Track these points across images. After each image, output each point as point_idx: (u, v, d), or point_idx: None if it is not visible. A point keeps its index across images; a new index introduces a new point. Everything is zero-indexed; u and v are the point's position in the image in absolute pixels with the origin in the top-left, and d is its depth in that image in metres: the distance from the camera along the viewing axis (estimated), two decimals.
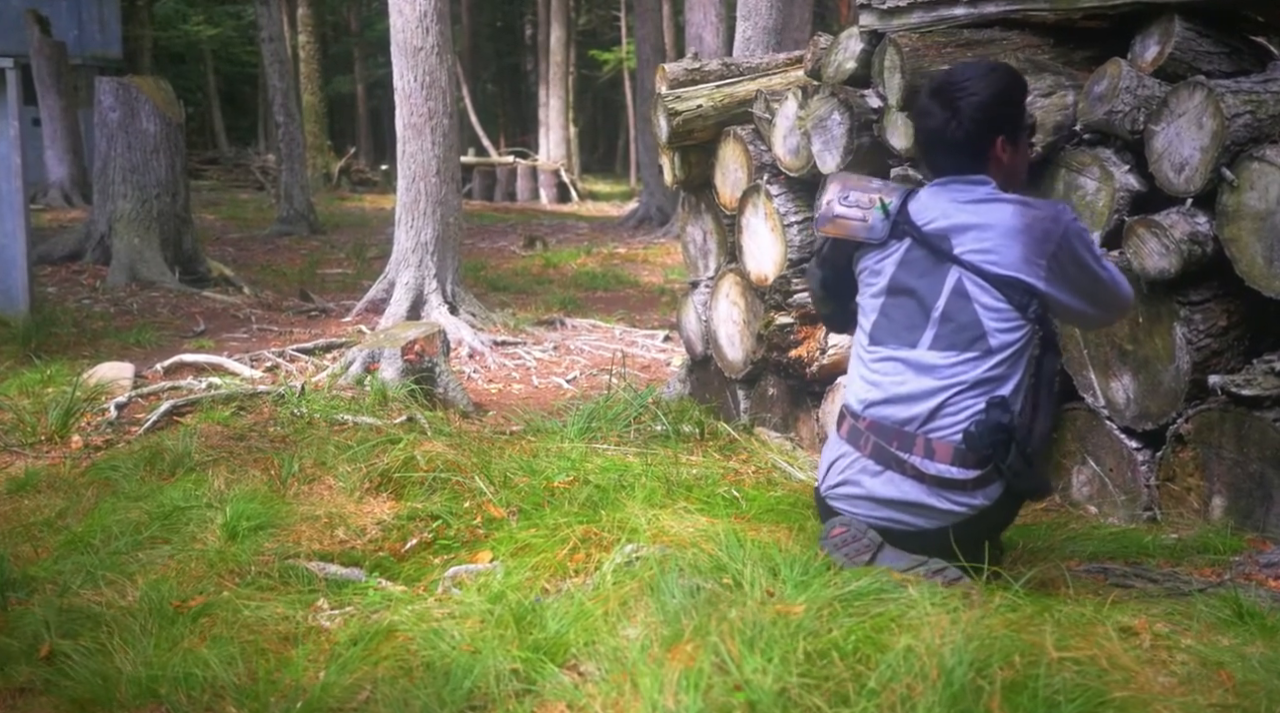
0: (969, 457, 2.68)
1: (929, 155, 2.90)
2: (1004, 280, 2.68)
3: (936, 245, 2.75)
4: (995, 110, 2.80)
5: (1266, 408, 3.29)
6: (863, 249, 2.91)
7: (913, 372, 2.74)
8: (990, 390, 2.69)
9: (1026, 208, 2.74)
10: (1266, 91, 3.42)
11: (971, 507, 2.71)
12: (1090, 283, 2.79)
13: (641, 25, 19.97)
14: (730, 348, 5.40)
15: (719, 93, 5.35)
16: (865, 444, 2.79)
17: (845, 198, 2.89)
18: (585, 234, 17.83)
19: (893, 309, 2.82)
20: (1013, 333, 2.69)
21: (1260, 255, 3.28)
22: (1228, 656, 2.23)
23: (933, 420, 2.70)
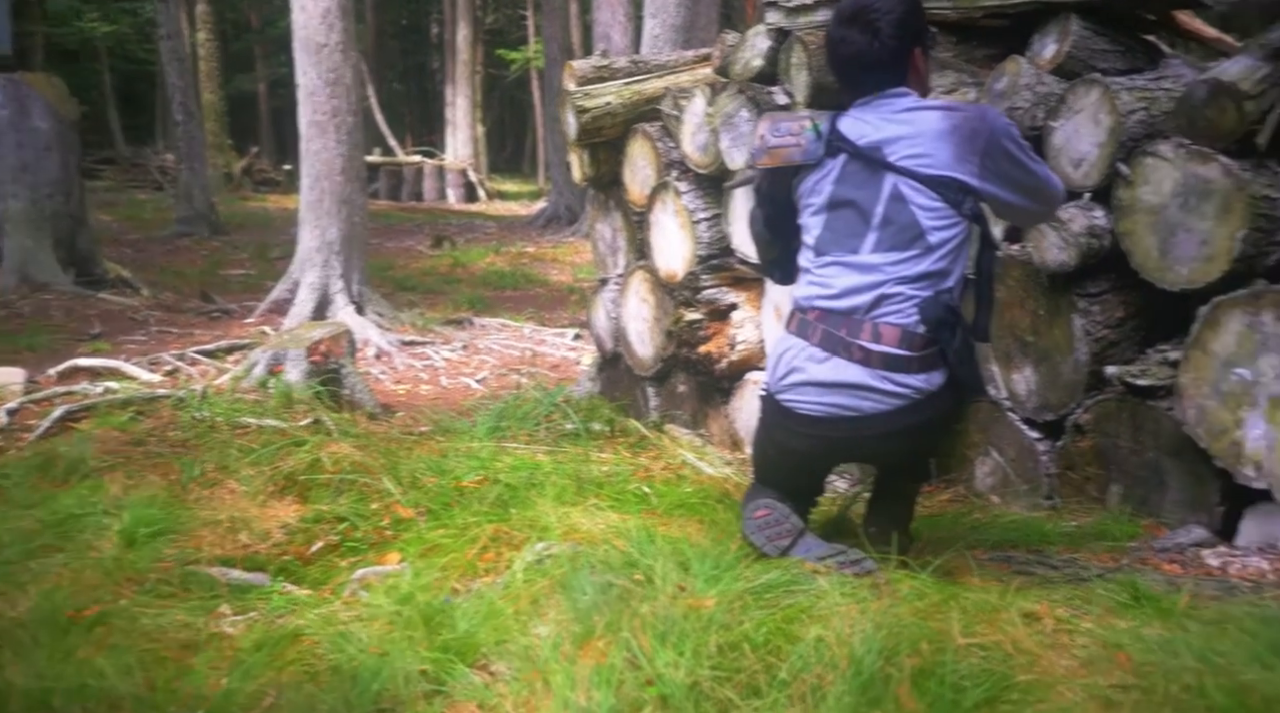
0: (914, 339, 2.75)
1: (850, 80, 2.92)
2: (938, 180, 2.76)
3: (871, 156, 2.82)
4: (911, 22, 2.89)
5: (1160, 397, 3.37)
6: (801, 174, 2.95)
7: (858, 272, 2.81)
8: (934, 283, 2.78)
9: (953, 111, 2.83)
10: (1159, 89, 3.51)
11: (914, 389, 2.76)
12: (1023, 177, 2.87)
13: (549, 24, 19.89)
14: (640, 345, 5.39)
15: (627, 90, 5.34)
16: (814, 334, 2.84)
17: (777, 129, 2.95)
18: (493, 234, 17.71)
19: (835, 222, 2.88)
20: (950, 230, 2.78)
21: (1154, 248, 3.36)
22: (1126, 638, 2.28)
23: (879, 308, 2.78)
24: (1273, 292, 3.10)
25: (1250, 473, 3.14)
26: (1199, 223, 3.24)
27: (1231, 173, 3.18)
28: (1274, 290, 3.10)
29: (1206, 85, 3.20)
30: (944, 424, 2.94)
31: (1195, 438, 3.25)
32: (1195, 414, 3.24)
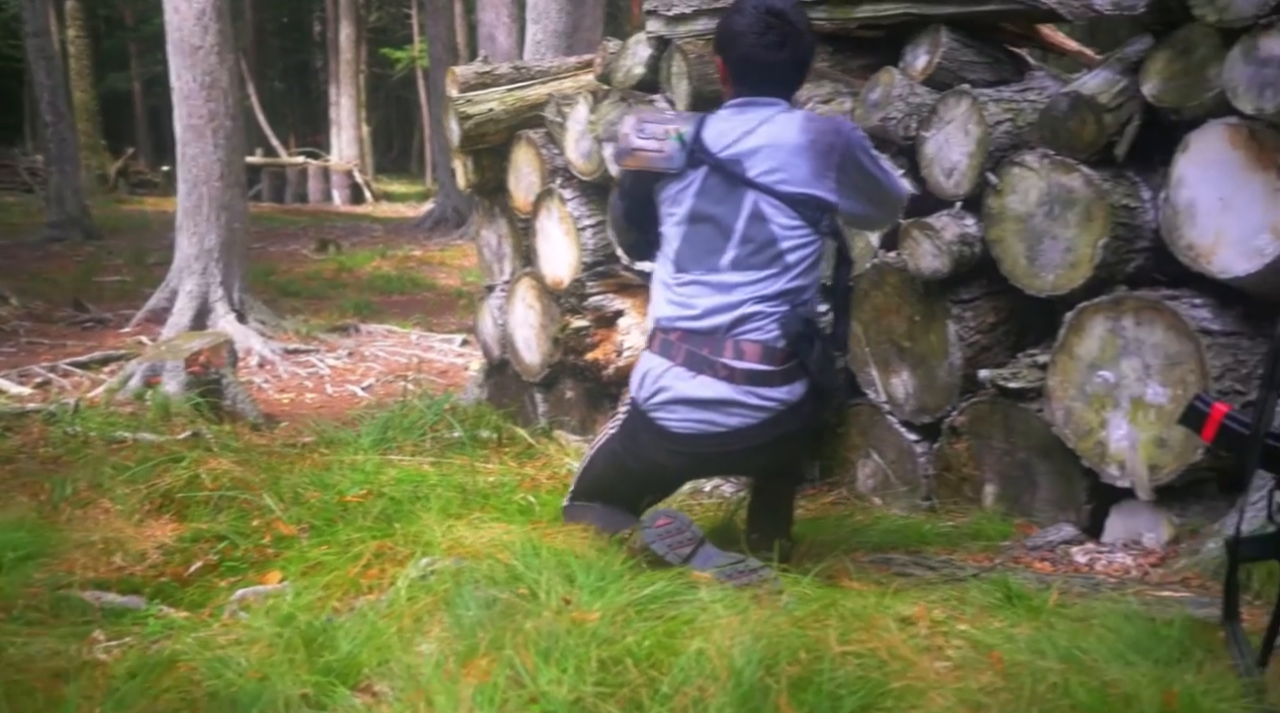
0: (775, 353, 2.81)
1: (755, 83, 2.93)
2: (797, 198, 2.82)
3: (731, 170, 2.85)
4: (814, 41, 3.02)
5: (1030, 399, 3.48)
6: (662, 180, 2.97)
7: (716, 292, 2.86)
8: (791, 299, 2.84)
9: (810, 122, 2.89)
10: (1024, 100, 3.63)
11: (779, 402, 2.82)
12: (874, 187, 2.95)
13: (433, 24, 19.71)
14: (527, 351, 5.39)
15: (510, 96, 5.33)
16: (677, 354, 2.88)
17: (641, 131, 2.97)
18: (380, 236, 17.49)
19: (694, 236, 2.91)
20: (807, 247, 2.84)
21: (1023, 255, 3.47)
22: (998, 638, 2.35)
23: (739, 326, 2.83)
24: (1133, 297, 3.22)
25: (1115, 472, 3.26)
26: (1064, 231, 3.35)
27: (1093, 182, 3.29)
28: (1134, 296, 3.22)
29: (1068, 98, 3.31)
30: (808, 433, 3.00)
31: (1063, 439, 3.36)
32: (1063, 416, 3.36)
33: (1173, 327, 3.13)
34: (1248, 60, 2.97)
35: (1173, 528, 3.21)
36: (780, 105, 2.91)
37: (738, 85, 2.95)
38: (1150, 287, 3.31)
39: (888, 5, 3.94)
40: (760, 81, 2.91)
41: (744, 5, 2.95)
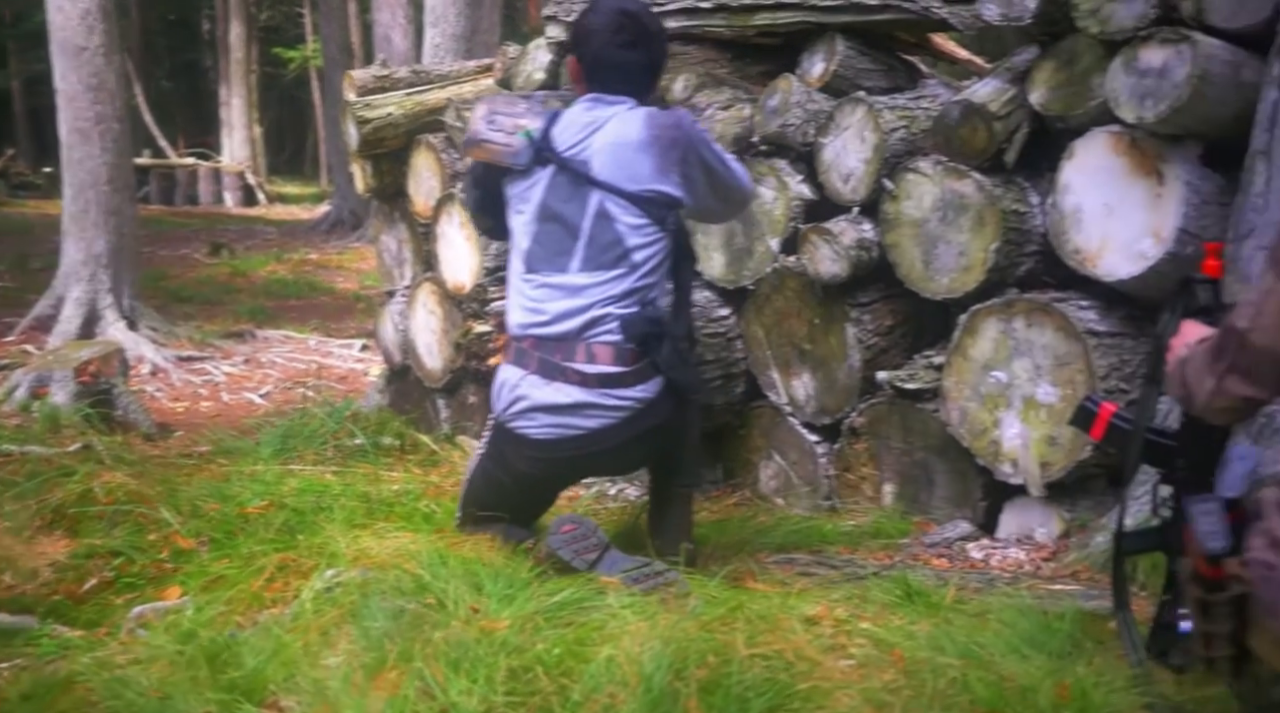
0: (626, 354, 2.87)
1: (607, 82, 2.99)
2: (643, 196, 2.88)
3: (577, 169, 2.90)
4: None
5: (927, 400, 3.57)
6: (510, 175, 3.00)
7: (567, 293, 2.90)
8: (638, 299, 2.90)
9: (653, 118, 2.94)
10: (918, 107, 3.71)
11: (636, 400, 2.88)
12: (719, 182, 3.03)
13: (327, 24, 19.41)
14: (429, 357, 5.35)
15: (409, 101, 5.29)
16: (530, 362, 2.91)
17: (491, 122, 3.00)
18: (275, 239, 17.17)
19: (543, 236, 2.95)
20: (653, 246, 2.91)
21: (919, 260, 3.55)
22: (899, 636, 2.42)
23: (590, 329, 2.87)
24: (1024, 300, 3.32)
25: (1008, 470, 3.36)
26: (957, 235, 3.44)
27: (984, 188, 3.39)
28: (1025, 298, 3.32)
29: (960, 106, 3.40)
30: (675, 428, 3.03)
31: (959, 438, 3.45)
32: (958, 416, 3.45)
33: (1061, 328, 3.23)
34: (1128, 71, 3.08)
35: (1063, 523, 3.31)
36: (628, 103, 2.96)
37: (590, 83, 3.02)
38: (1040, 289, 3.41)
39: (784, 14, 4.00)
40: (612, 80, 2.97)
41: (599, 5, 3.03)
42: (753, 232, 3.91)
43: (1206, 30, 3.06)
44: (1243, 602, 1.53)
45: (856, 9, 3.86)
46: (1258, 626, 1.52)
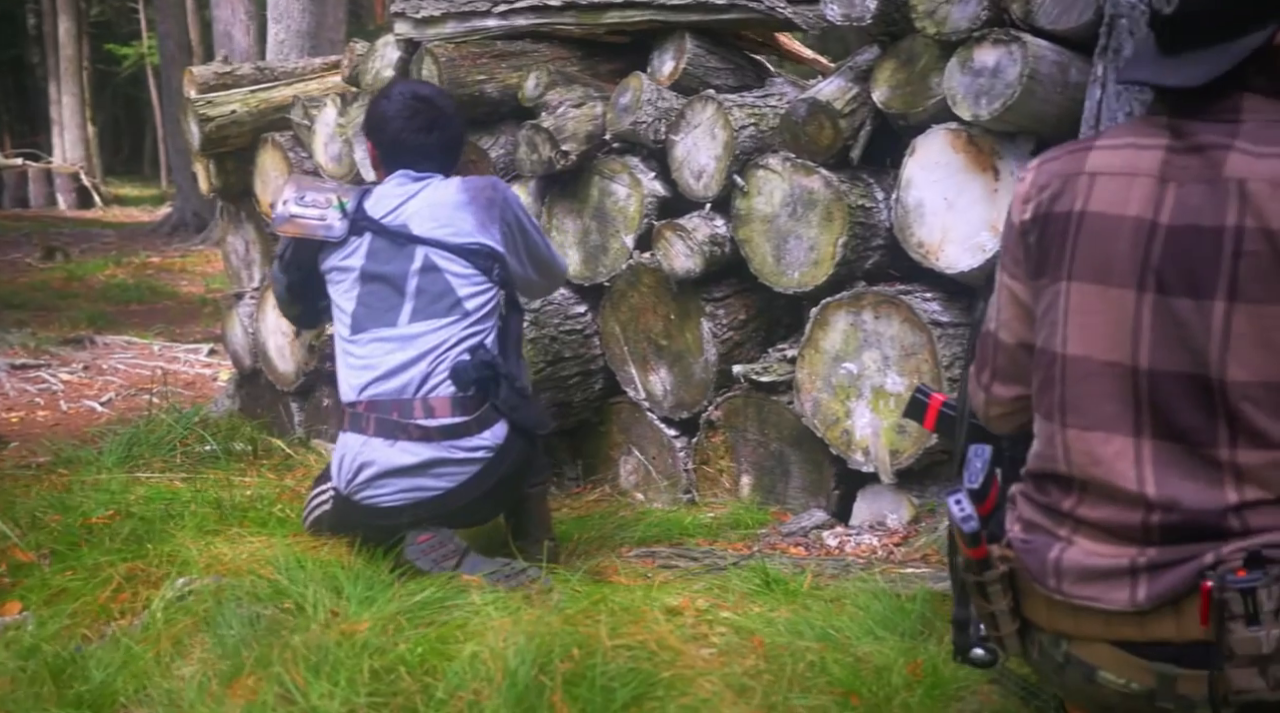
0: (465, 402, 2.84)
1: (408, 164, 3.03)
2: (468, 248, 2.91)
3: (397, 232, 2.92)
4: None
5: (781, 392, 3.64)
6: (326, 249, 2.99)
7: (398, 345, 2.87)
8: (470, 346, 2.89)
9: (467, 182, 3.02)
10: (766, 105, 3.79)
11: (486, 449, 2.85)
12: (534, 252, 3.10)
13: (163, 20, 18.78)
14: (281, 360, 5.23)
15: (254, 98, 5.16)
16: (368, 425, 2.86)
17: (302, 198, 3.00)
18: (113, 242, 16.52)
19: (369, 297, 2.93)
20: (484, 295, 2.92)
21: (770, 254, 3.62)
22: (759, 623, 2.47)
23: (426, 383, 2.84)
24: (871, 292, 3.42)
25: (860, 459, 3.45)
26: (807, 230, 3.52)
27: (831, 184, 3.48)
28: (873, 291, 3.42)
29: (806, 104, 3.48)
30: (528, 462, 3.02)
31: (812, 429, 3.53)
32: (811, 407, 3.53)
33: (908, 320, 3.34)
34: (964, 70, 3.19)
35: (913, 508, 3.42)
36: (436, 177, 3.01)
37: (390, 166, 3.05)
38: (887, 282, 3.52)
39: (634, 12, 4.04)
40: (412, 162, 3.01)
41: (391, 92, 3.10)
42: (607, 228, 3.94)
43: (1035, 31, 3.19)
44: (1013, 578, 1.63)
45: (704, 8, 3.92)
46: (1029, 594, 1.62)
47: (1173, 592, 1.49)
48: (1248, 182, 1.46)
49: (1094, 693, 1.60)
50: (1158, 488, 1.50)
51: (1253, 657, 1.44)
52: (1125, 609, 1.52)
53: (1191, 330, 1.48)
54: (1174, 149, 1.53)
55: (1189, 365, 1.48)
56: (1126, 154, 1.57)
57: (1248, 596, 1.43)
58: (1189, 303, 1.48)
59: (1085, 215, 1.58)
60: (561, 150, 3.84)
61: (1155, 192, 1.53)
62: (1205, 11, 1.53)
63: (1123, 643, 1.54)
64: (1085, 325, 1.57)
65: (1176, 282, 1.50)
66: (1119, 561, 1.53)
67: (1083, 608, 1.56)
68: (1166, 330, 1.50)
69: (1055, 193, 1.62)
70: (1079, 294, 1.57)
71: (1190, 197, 1.50)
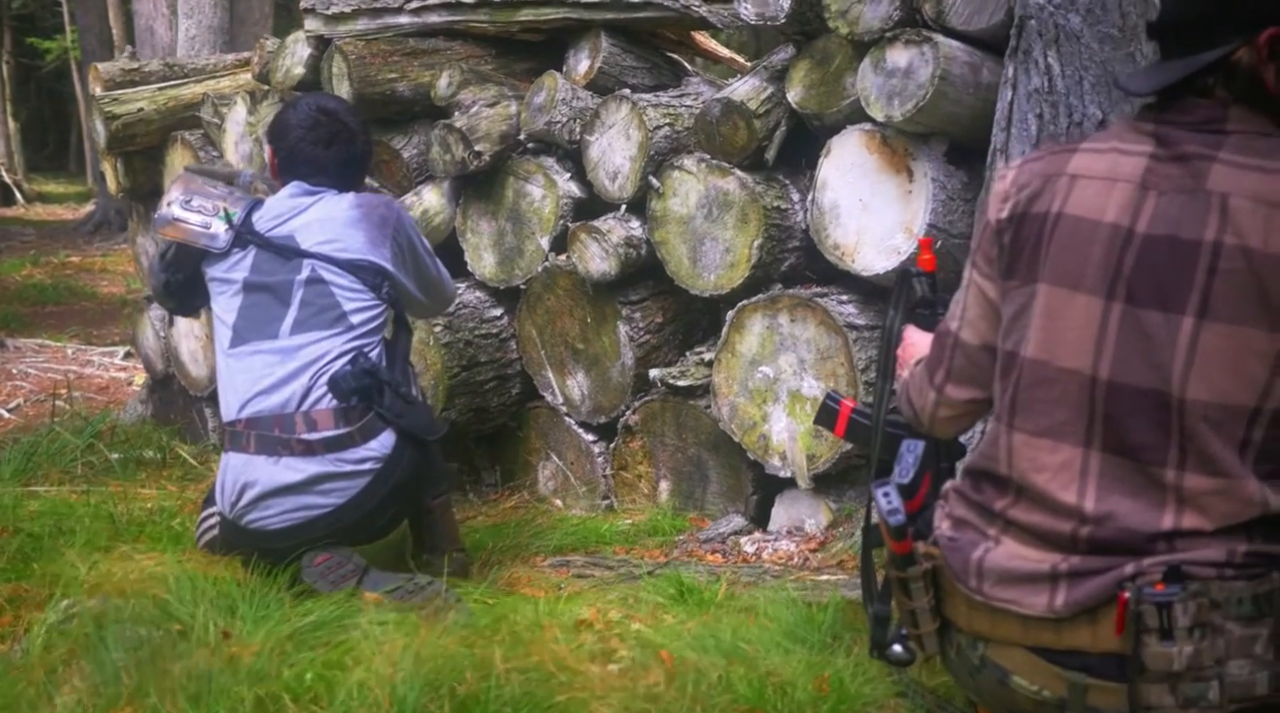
0: (348, 413, 2.74)
1: (303, 175, 2.95)
2: (356, 264, 2.83)
3: (284, 246, 2.84)
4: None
5: (699, 397, 3.59)
6: (209, 258, 2.89)
7: (279, 358, 2.78)
8: (352, 358, 2.80)
9: (361, 198, 2.95)
10: (682, 105, 3.73)
11: (374, 460, 2.75)
12: (423, 270, 3.03)
13: (83, 14, 18.35)
14: (194, 365, 5.10)
15: (162, 95, 5.02)
16: (249, 443, 2.76)
17: (188, 202, 2.91)
18: (33, 241, 16.10)
19: (251, 308, 2.85)
20: (370, 310, 2.84)
21: (686, 257, 3.56)
22: (668, 636, 2.41)
23: (308, 397, 2.75)
24: (787, 295, 3.37)
25: (777, 464, 3.41)
26: (722, 232, 3.47)
27: (746, 186, 3.43)
28: (789, 294, 3.38)
29: (720, 104, 3.43)
30: (423, 470, 2.92)
31: (730, 434, 3.48)
32: (729, 412, 3.48)
33: (823, 323, 3.30)
34: (877, 71, 3.16)
35: (830, 513, 3.39)
36: (331, 192, 2.93)
37: (285, 175, 2.96)
38: (803, 285, 3.48)
39: (548, 10, 3.96)
40: (308, 174, 2.92)
41: (299, 102, 3.04)
42: (523, 230, 3.86)
43: (947, 32, 3.16)
44: (936, 576, 1.59)
45: (619, 6, 3.85)
46: (950, 593, 1.59)
47: (1091, 600, 1.46)
48: (1230, 196, 1.41)
49: (1006, 698, 1.57)
50: (1096, 503, 1.47)
51: (1164, 673, 1.41)
52: (1043, 615, 1.49)
53: (1157, 344, 1.44)
54: (1158, 157, 1.49)
55: (1150, 380, 1.44)
56: (1110, 158, 1.53)
57: (1163, 610, 1.40)
58: (1158, 316, 1.44)
59: (1062, 217, 1.53)
60: (475, 151, 3.75)
61: (1135, 198, 1.48)
62: (1181, 21, 1.51)
63: (1038, 649, 1.51)
64: (1049, 329, 1.52)
65: (1147, 293, 1.45)
66: (1041, 565, 1.50)
67: (1001, 611, 1.53)
68: (1131, 342, 1.46)
69: (1034, 193, 1.57)
70: (1047, 297, 1.53)
71: (1170, 207, 1.45)
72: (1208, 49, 1.48)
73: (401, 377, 2.86)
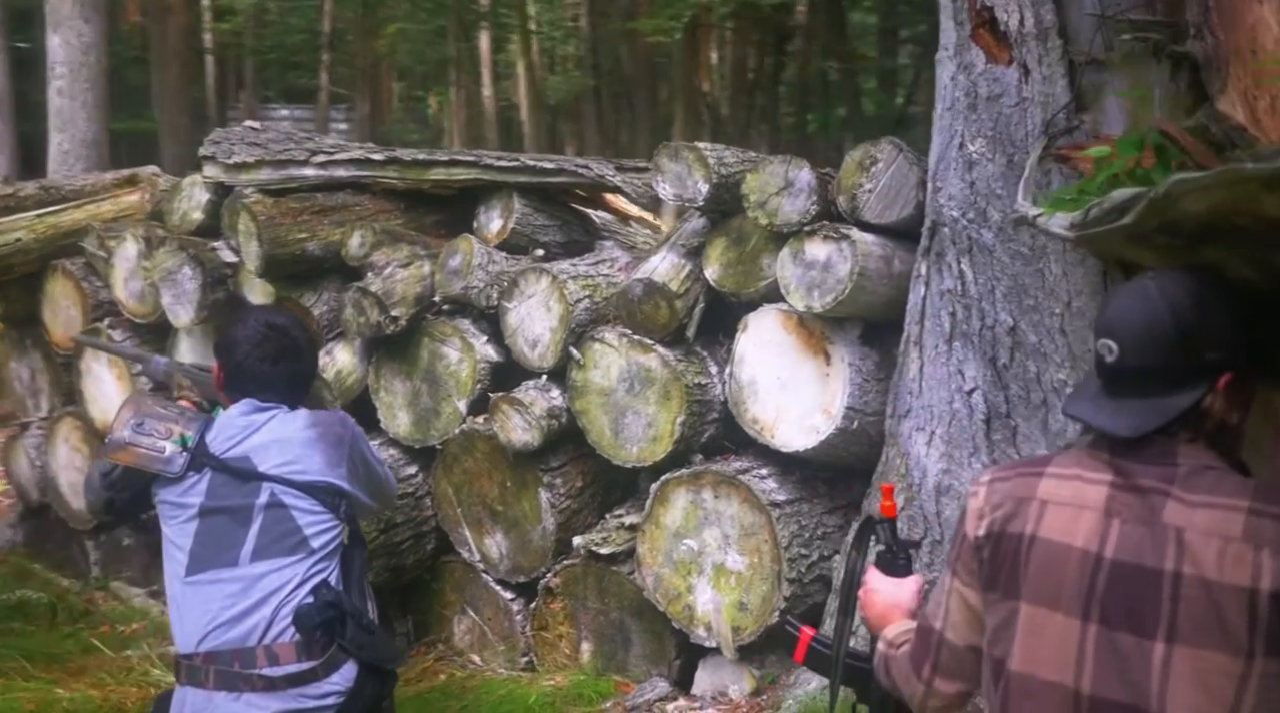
0: (311, 646, 2.70)
1: (252, 391, 2.90)
2: (315, 485, 2.80)
3: (240, 467, 2.79)
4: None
5: (621, 562, 3.67)
6: (160, 481, 2.83)
7: (240, 587, 2.71)
8: (313, 585, 2.75)
9: (315, 416, 2.93)
10: (599, 275, 3.82)
11: (336, 694, 2.71)
12: (374, 479, 3.04)
13: None
14: (75, 497, 4.94)
15: (41, 224, 4.86)
16: (208, 678, 2.67)
17: (140, 425, 2.83)
18: None
19: (207, 534, 2.76)
20: (329, 532, 2.81)
21: (608, 427, 3.65)
22: None
23: (270, 630, 2.69)
24: (711, 471, 3.49)
25: (702, 633, 3.52)
26: (645, 406, 3.57)
27: (669, 363, 3.53)
28: (712, 470, 3.49)
29: (642, 285, 3.53)
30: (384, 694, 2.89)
31: (655, 603, 3.58)
32: (653, 581, 3.57)
33: (747, 499, 3.42)
34: (796, 262, 3.31)
35: (753, 680, 3.51)
36: (282, 408, 2.91)
37: (233, 391, 2.92)
38: (722, 455, 3.60)
39: (459, 170, 4.02)
40: (256, 390, 2.90)
41: (247, 318, 3.02)
42: (439, 391, 3.89)
43: (860, 225, 3.34)
44: None
45: (532, 171, 3.93)
46: None
47: None
48: (1185, 530, 1.58)
49: None
50: None
51: None
52: None
53: (1131, 664, 1.59)
54: (1117, 485, 1.65)
55: (1128, 696, 1.59)
56: (1074, 485, 1.68)
57: None
58: (1130, 639, 1.60)
59: (1036, 540, 1.68)
60: (391, 316, 3.77)
61: (1101, 525, 1.64)
62: (1141, 368, 1.65)
63: None
64: (1032, 645, 1.67)
65: (1119, 616, 1.61)
66: None
67: None
68: (1108, 661, 1.61)
69: (1009, 514, 1.72)
70: (1029, 615, 1.68)
71: (1132, 535, 1.62)
72: (1171, 394, 1.64)
73: (359, 597, 2.85)
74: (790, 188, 3.33)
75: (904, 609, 2.07)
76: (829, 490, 3.61)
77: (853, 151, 3.42)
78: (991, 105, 2.92)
